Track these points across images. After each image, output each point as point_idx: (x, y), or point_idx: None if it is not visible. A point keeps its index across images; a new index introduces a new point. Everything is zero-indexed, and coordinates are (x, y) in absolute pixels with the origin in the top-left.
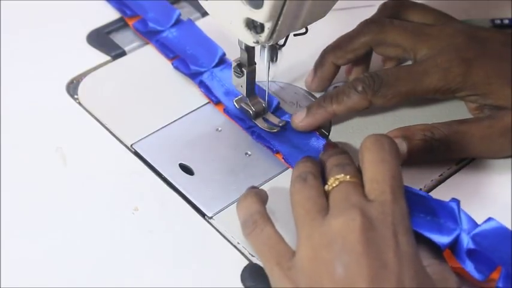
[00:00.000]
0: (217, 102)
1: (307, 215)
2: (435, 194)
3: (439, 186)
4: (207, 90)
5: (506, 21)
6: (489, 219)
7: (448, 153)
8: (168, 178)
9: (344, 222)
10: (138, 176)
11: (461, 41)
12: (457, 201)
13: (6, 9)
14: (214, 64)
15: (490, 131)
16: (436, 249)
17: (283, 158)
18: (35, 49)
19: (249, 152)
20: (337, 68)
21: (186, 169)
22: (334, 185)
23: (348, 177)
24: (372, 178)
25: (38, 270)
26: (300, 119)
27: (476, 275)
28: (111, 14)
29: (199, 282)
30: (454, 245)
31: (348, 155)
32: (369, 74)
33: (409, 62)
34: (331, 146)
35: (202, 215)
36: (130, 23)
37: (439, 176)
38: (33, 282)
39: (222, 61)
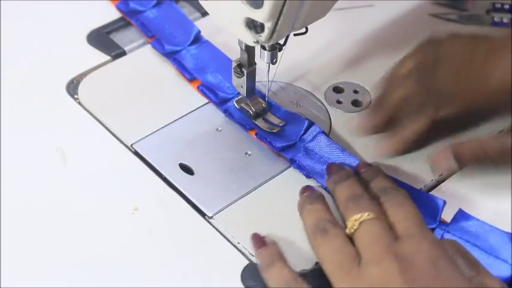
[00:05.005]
0: (191, 79)
1: (341, 268)
2: (435, 194)
3: (439, 186)
4: (180, 66)
5: (507, 6)
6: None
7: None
8: (168, 178)
9: (382, 269)
10: (138, 176)
11: None
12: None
13: (6, 9)
14: (189, 42)
15: None
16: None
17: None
18: (35, 49)
19: (249, 152)
20: None
21: (186, 169)
22: (355, 227)
23: (366, 214)
24: (395, 219)
25: (38, 270)
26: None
27: None
28: (111, 14)
29: (199, 282)
30: None
31: (353, 179)
32: None
33: None
34: (334, 168)
35: (202, 214)
36: (114, 2)
37: (439, 175)
38: (33, 282)
39: (198, 39)
